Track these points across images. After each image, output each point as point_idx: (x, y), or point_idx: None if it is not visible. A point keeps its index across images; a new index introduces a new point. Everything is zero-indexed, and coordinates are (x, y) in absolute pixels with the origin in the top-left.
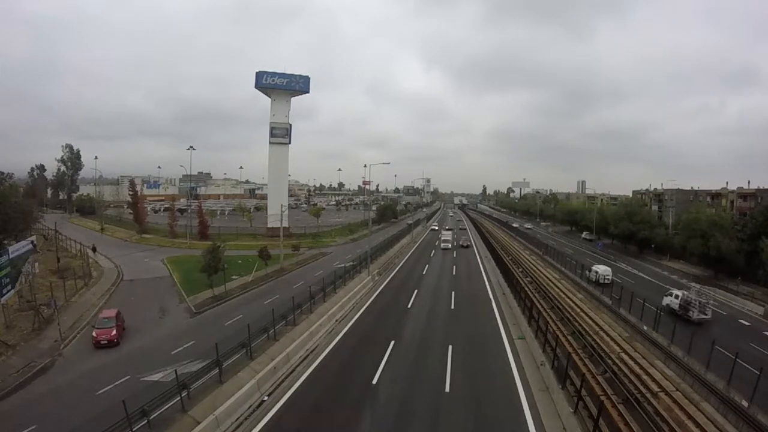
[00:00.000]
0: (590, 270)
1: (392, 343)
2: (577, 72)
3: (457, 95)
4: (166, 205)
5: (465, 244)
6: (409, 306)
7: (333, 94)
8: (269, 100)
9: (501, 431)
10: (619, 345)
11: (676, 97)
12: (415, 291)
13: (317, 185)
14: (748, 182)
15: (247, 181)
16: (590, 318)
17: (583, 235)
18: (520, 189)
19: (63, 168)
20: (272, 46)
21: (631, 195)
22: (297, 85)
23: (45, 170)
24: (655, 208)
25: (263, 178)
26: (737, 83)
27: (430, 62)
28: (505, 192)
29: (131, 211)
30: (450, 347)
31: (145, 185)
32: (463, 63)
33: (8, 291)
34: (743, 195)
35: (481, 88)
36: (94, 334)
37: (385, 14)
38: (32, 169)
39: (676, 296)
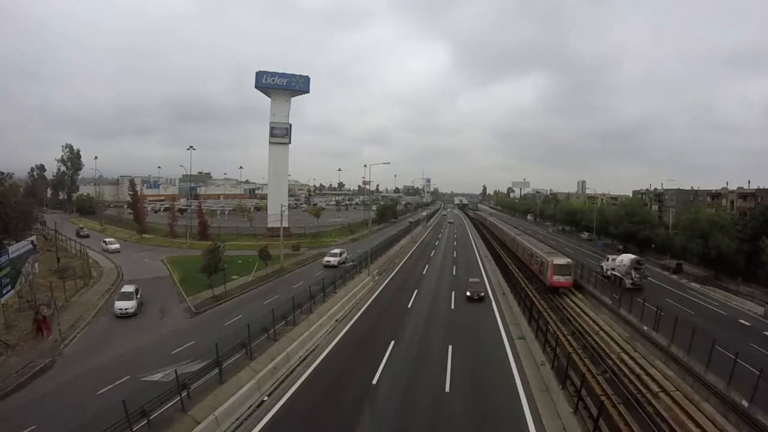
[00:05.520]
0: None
1: (392, 343)
2: (581, 66)
3: (460, 88)
4: (166, 205)
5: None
6: (409, 306)
7: (333, 91)
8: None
9: (501, 431)
10: (619, 345)
11: (677, 96)
12: (415, 291)
13: (317, 185)
14: (749, 182)
15: (247, 181)
16: (590, 318)
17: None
18: (520, 189)
19: (63, 168)
20: (267, 40)
21: (631, 195)
22: (297, 85)
23: (45, 170)
24: (655, 208)
25: (263, 178)
26: (739, 79)
27: (434, 53)
28: (505, 192)
29: (131, 211)
30: (450, 347)
31: (145, 185)
32: (469, 49)
33: (8, 291)
34: (743, 195)
35: (485, 78)
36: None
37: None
38: (32, 169)
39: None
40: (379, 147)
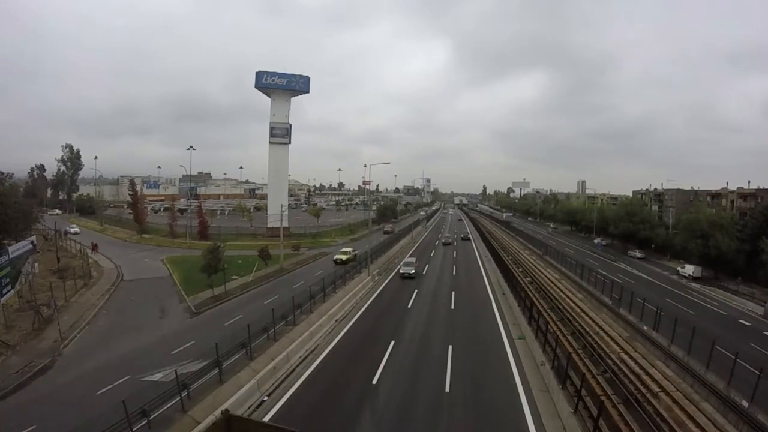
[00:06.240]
0: None
1: (392, 343)
2: (581, 66)
3: (460, 87)
4: (166, 205)
5: None
6: (409, 306)
7: (333, 91)
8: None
9: (502, 431)
10: (619, 345)
11: (677, 96)
12: (415, 291)
13: (317, 185)
14: (749, 182)
15: (247, 181)
16: (590, 318)
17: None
18: (520, 189)
19: (63, 168)
20: (267, 40)
21: (631, 195)
22: (297, 85)
23: (45, 170)
24: (655, 208)
25: (263, 178)
26: (740, 79)
27: (434, 53)
28: (505, 192)
29: (131, 211)
30: (450, 347)
31: (145, 185)
32: (469, 48)
33: (8, 291)
34: (743, 195)
35: (485, 77)
36: None
37: None
38: (32, 169)
39: None
40: (379, 147)
